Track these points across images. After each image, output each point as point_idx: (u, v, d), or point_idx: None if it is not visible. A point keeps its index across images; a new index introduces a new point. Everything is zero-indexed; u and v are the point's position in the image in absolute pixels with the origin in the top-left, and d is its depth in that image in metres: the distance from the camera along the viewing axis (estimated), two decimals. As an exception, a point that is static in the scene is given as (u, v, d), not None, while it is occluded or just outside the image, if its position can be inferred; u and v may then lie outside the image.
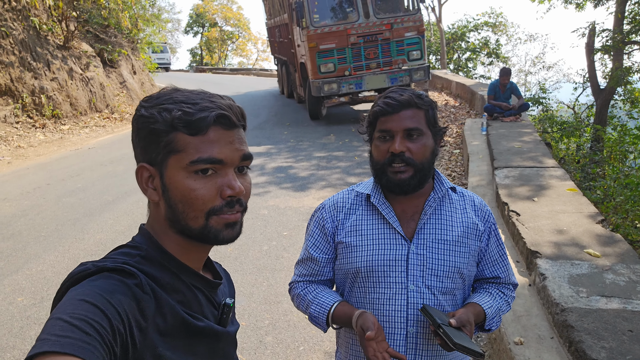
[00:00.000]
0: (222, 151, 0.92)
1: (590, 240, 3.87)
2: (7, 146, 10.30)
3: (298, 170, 8.04)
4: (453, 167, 8.01)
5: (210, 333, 0.98)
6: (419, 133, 1.52)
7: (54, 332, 0.71)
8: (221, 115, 0.93)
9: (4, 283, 4.43)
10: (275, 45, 17.40)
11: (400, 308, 1.55)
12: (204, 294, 1.01)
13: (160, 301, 0.88)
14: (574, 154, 13.61)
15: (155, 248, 0.96)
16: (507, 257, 1.71)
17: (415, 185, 1.53)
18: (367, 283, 1.58)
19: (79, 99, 13.39)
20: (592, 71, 15.71)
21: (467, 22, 29.01)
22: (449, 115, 12.57)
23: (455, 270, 1.56)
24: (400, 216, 1.60)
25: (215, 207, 0.92)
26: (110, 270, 0.86)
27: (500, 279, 1.68)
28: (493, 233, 1.66)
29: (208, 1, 47.50)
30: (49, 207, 6.50)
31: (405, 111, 1.51)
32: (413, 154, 1.51)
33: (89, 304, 0.77)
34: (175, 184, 0.92)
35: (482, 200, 1.70)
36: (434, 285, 1.55)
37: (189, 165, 0.91)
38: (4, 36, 11.53)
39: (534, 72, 30.82)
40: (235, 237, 0.97)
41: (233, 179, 0.94)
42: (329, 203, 1.70)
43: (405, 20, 10.98)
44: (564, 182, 5.40)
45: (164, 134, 0.92)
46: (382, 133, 1.54)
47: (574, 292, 3.08)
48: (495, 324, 1.61)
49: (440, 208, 1.61)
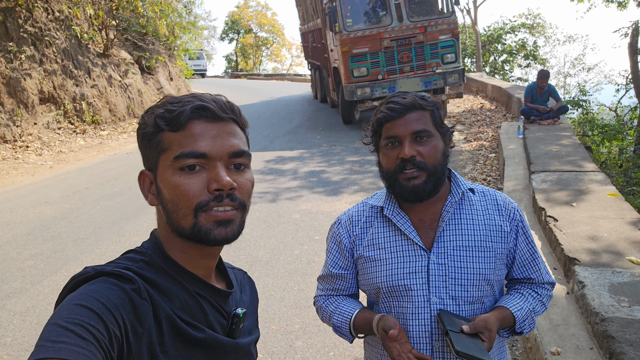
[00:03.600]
0: (205, 144, 0.90)
1: (631, 247, 3.71)
2: (49, 151, 10.66)
3: (330, 175, 8.03)
4: (488, 171, 7.85)
5: (214, 344, 0.94)
6: (427, 135, 1.45)
7: (49, 338, 0.70)
8: (199, 107, 0.91)
9: (43, 284, 4.57)
10: (308, 50, 17.47)
11: (424, 322, 1.48)
12: (210, 303, 0.98)
13: (157, 308, 0.86)
14: (616, 157, 13.16)
15: (160, 254, 0.95)
16: (540, 255, 1.60)
17: (431, 191, 1.46)
18: (390, 298, 1.53)
19: (118, 105, 13.76)
20: (635, 72, 15.18)
21: (504, 24, 28.47)
22: (485, 118, 12.35)
23: (481, 278, 1.48)
24: (417, 226, 1.53)
25: (202, 202, 0.90)
26: (108, 274, 0.85)
27: (533, 280, 1.59)
28: (521, 232, 1.55)
29: (243, 8, 48.15)
30: (87, 210, 6.68)
31: (410, 114, 1.45)
32: (424, 157, 1.44)
33: (84, 308, 0.76)
34: (164, 183, 0.92)
35: (506, 197, 1.59)
36: (459, 296, 1.47)
37: (174, 161, 0.90)
38: (48, 45, 11.97)
39: (573, 74, 30.02)
40: (230, 236, 0.93)
41: (221, 172, 0.90)
42: (344, 218, 1.65)
43: (439, 23, 10.84)
44: (605, 186, 5.21)
45: (153, 136, 0.93)
46: (389, 140, 1.47)
47: (614, 302, 2.95)
48: (527, 326, 1.53)
49: (459, 212, 1.53)
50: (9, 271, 4.87)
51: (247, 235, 5.49)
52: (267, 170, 8.51)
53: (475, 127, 11.50)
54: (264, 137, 11.70)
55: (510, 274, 1.60)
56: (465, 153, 9.08)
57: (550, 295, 1.62)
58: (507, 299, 1.54)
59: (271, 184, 7.64)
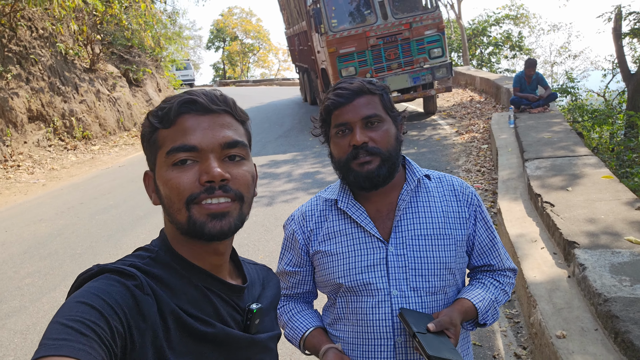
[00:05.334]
0: (195, 137, 0.90)
1: (629, 227, 3.72)
2: (41, 169, 10.59)
3: (325, 175, 8.02)
4: (482, 162, 7.87)
5: (225, 339, 0.93)
6: (378, 120, 1.39)
7: (51, 336, 0.71)
8: (188, 101, 0.91)
9: (42, 301, 4.53)
10: (295, 54, 17.49)
11: (385, 317, 1.40)
12: (221, 298, 0.96)
13: (161, 303, 0.86)
14: (608, 142, 13.22)
15: (167, 250, 0.95)
16: (499, 241, 1.55)
17: (386, 176, 1.39)
18: (348, 293, 1.46)
19: (108, 119, 13.71)
20: (621, 56, 15.26)
21: (488, 17, 28.62)
22: (475, 111, 12.39)
23: (442, 267, 1.42)
24: (374, 216, 1.45)
25: (193, 194, 0.89)
26: (110, 271, 0.85)
27: (494, 266, 1.54)
28: (480, 217, 1.50)
29: (227, 16, 48.16)
30: (83, 225, 6.63)
31: (359, 99, 1.39)
32: (377, 143, 1.37)
33: (85, 305, 0.76)
34: (160, 180, 0.92)
35: (462, 182, 1.54)
36: (421, 287, 1.41)
37: (166, 157, 0.90)
38: (33, 63, 11.91)
39: (560, 62, 30.21)
40: (226, 230, 0.91)
41: (212, 164, 0.89)
42: (297, 214, 1.57)
43: (424, 19, 10.88)
44: (599, 169, 5.23)
45: (150, 135, 0.94)
46: (339, 127, 1.41)
47: (616, 282, 2.96)
48: (490, 317, 1.47)
49: (416, 200, 1.47)
50: (7, 290, 4.83)
51: (246, 239, 5.47)
52: (261, 174, 8.49)
53: (466, 119, 11.53)
54: (256, 143, 11.68)
55: (470, 262, 1.55)
56: (458, 146, 9.10)
57: (512, 283, 1.57)
58: (468, 290, 1.49)
59: (266, 187, 7.62)
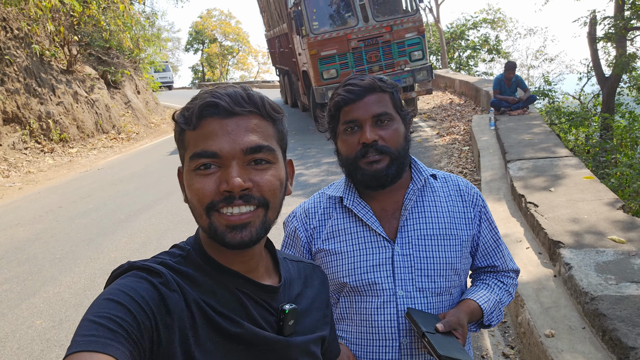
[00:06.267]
0: (215, 143, 0.86)
1: (612, 226, 3.78)
2: (17, 172, 10.34)
3: (308, 177, 8.00)
4: (464, 164, 7.94)
5: (254, 339, 0.90)
6: (389, 118, 1.37)
7: (80, 333, 0.73)
8: (209, 104, 0.87)
9: (21, 307, 4.41)
10: (276, 56, 17.44)
11: (390, 317, 1.38)
12: (252, 299, 0.93)
13: (188, 299, 0.85)
14: (584, 144, 13.48)
15: (199, 249, 0.94)
16: (503, 242, 1.54)
17: (394, 175, 1.37)
18: (353, 293, 1.43)
19: (86, 122, 13.47)
20: (595, 60, 15.58)
21: (466, 20, 29.00)
22: (455, 113, 12.51)
23: (448, 267, 1.40)
24: (380, 216, 1.43)
25: (213, 201, 0.86)
26: (139, 268, 0.86)
27: (497, 267, 1.53)
28: (484, 217, 1.49)
29: (206, 18, 47.83)
30: (62, 229, 6.49)
31: (370, 96, 1.36)
32: (387, 142, 1.35)
33: (112, 302, 0.77)
34: (185, 182, 0.91)
35: (468, 182, 1.53)
36: (426, 287, 1.39)
37: (189, 162, 0.88)
38: (8, 64, 11.64)
39: (536, 65, 30.75)
40: (247, 240, 0.88)
41: (232, 172, 0.86)
42: (299, 210, 1.53)
43: (404, 22, 10.95)
44: (580, 170, 5.32)
45: (180, 134, 0.92)
46: (348, 124, 1.38)
47: (602, 280, 3.00)
48: (495, 318, 1.47)
49: (422, 199, 1.45)
50: (-16, 297, 4.69)
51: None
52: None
53: (447, 121, 11.63)
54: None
55: (474, 263, 1.53)
56: (439, 148, 9.17)
57: (515, 284, 1.56)
58: (473, 291, 1.48)
59: (249, 190, 7.55)
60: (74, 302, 4.40)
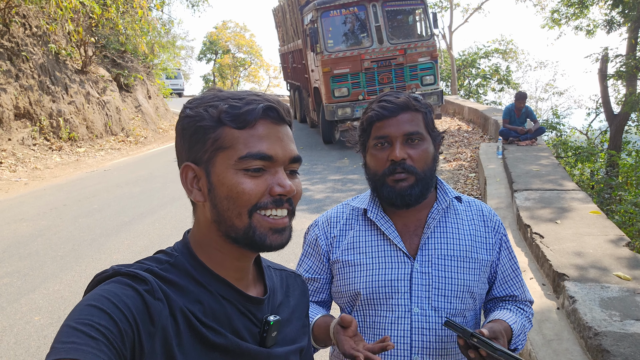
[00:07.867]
0: (271, 147, 0.88)
1: (617, 263, 3.77)
2: (24, 168, 10.39)
3: (313, 193, 8.02)
4: (469, 190, 7.94)
5: (236, 351, 0.90)
6: (419, 138, 1.38)
7: (60, 339, 0.71)
8: (269, 107, 0.89)
9: (20, 302, 4.40)
10: (288, 71, 17.58)
11: (404, 334, 1.37)
12: (237, 309, 0.93)
13: (173, 307, 0.84)
14: (589, 179, 13.48)
15: (188, 256, 0.92)
16: (520, 272, 1.53)
17: (418, 196, 1.38)
18: (367, 306, 1.42)
19: (95, 122, 13.56)
20: (605, 97, 15.68)
21: (478, 49, 29.24)
22: (462, 139, 12.54)
23: (465, 289, 1.40)
24: (402, 231, 1.44)
25: (260, 202, 0.87)
26: (124, 274, 0.84)
27: (517, 297, 1.51)
28: (504, 245, 1.49)
29: (222, 29, 48.33)
30: (65, 227, 6.50)
31: (403, 114, 1.37)
32: (414, 161, 1.36)
33: (94, 308, 0.76)
34: (222, 181, 0.88)
35: (491, 209, 1.54)
36: (442, 307, 1.38)
37: (238, 161, 0.87)
38: (24, 60, 11.77)
39: (545, 98, 30.89)
40: (284, 242, 0.91)
41: (284, 177, 0.89)
42: (321, 219, 1.54)
43: (418, 46, 11.06)
44: (587, 204, 5.32)
45: (211, 130, 0.88)
46: (379, 140, 1.39)
47: (606, 316, 2.98)
48: (521, 342, 1.44)
49: (444, 220, 1.45)
50: (-16, 289, 4.69)
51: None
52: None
53: (454, 147, 11.66)
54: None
55: (491, 292, 1.51)
56: (445, 172, 9.19)
57: (532, 313, 1.55)
58: (499, 313, 1.45)
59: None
60: (74, 301, 4.39)
